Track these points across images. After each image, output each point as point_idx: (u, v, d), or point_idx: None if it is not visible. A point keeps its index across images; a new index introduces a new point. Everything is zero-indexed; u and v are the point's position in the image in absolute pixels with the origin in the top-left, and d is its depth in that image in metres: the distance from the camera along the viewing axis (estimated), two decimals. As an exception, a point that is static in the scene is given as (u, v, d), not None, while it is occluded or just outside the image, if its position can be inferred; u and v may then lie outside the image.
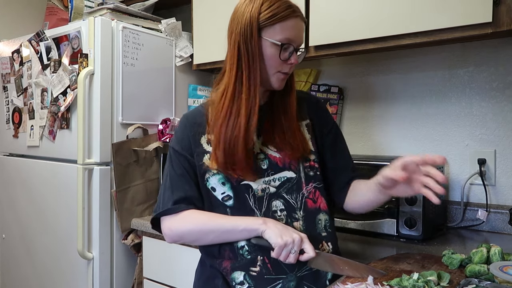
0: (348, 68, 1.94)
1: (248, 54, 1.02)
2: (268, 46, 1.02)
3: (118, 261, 1.87)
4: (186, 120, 1.13)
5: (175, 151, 1.10)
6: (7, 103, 2.28)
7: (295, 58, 1.05)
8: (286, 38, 1.02)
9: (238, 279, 1.04)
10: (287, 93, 1.11)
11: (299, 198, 1.09)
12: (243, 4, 1.05)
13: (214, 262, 1.08)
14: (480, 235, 1.53)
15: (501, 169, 1.59)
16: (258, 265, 1.03)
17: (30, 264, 2.13)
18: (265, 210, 1.05)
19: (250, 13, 1.01)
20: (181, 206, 1.05)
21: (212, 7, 1.99)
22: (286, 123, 1.09)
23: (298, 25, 1.04)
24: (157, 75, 2.00)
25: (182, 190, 1.07)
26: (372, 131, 1.89)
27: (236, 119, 1.02)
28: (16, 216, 2.20)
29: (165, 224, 1.08)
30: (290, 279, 1.02)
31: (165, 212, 1.06)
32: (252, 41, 1.01)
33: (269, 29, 1.02)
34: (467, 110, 1.65)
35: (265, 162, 1.08)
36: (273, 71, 1.05)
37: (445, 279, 0.95)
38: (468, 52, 1.65)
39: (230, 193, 1.06)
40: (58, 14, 2.32)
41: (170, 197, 1.06)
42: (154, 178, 1.95)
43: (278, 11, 1.01)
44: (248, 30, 1.01)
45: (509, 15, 1.24)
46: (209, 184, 1.07)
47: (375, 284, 0.93)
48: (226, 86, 1.05)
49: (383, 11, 1.47)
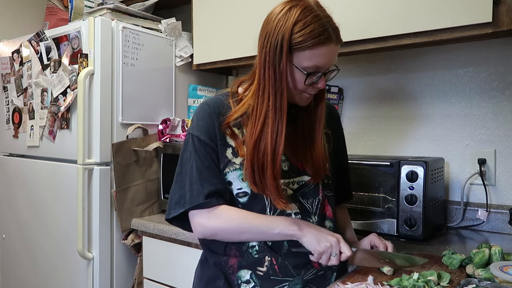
0: (348, 68, 1.94)
1: (275, 77, 0.97)
2: (295, 71, 0.98)
3: (118, 261, 1.87)
4: (210, 109, 1.06)
5: (201, 141, 1.03)
6: (7, 103, 2.28)
7: (323, 83, 1.01)
8: (314, 65, 0.97)
9: (244, 277, 1.03)
10: (311, 109, 1.08)
11: (315, 203, 1.09)
12: (277, 16, 0.98)
13: (219, 260, 1.06)
14: (480, 235, 1.53)
15: (501, 169, 1.59)
16: (265, 266, 1.02)
17: (30, 264, 2.13)
18: (279, 212, 1.04)
19: (282, 33, 0.95)
20: (212, 201, 1.01)
21: (212, 7, 1.99)
22: (309, 140, 1.07)
23: (332, 51, 0.98)
24: (157, 75, 2.00)
25: (211, 183, 1.02)
26: (372, 131, 1.89)
27: (263, 143, 0.99)
28: (16, 216, 2.20)
29: (197, 220, 1.03)
30: (296, 282, 1.02)
31: (197, 206, 1.02)
32: (281, 65, 0.96)
33: (298, 54, 0.96)
34: (467, 110, 1.66)
35: (285, 163, 1.06)
36: (298, 92, 1.02)
37: (445, 279, 0.95)
38: (468, 52, 1.65)
39: (248, 190, 1.03)
40: (58, 14, 2.31)
41: (200, 191, 1.01)
42: (154, 178, 1.95)
43: (310, 36, 0.94)
44: (278, 52, 0.96)
45: (509, 15, 1.24)
46: (227, 178, 1.04)
47: (375, 284, 0.93)
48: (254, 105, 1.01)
49: (383, 11, 1.47)
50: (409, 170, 1.42)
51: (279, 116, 0.98)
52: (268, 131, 0.98)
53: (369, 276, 0.97)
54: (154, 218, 1.84)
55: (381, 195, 1.52)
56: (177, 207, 1.04)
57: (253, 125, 1.00)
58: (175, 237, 1.66)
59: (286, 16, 0.96)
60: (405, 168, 1.43)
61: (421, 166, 1.40)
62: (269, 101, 0.98)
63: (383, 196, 1.52)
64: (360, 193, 1.57)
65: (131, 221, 1.84)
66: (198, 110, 1.08)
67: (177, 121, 1.99)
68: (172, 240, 1.70)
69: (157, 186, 1.95)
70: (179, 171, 1.06)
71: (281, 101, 0.98)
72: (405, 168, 1.43)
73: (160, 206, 1.96)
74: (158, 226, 1.72)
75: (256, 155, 0.99)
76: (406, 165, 1.43)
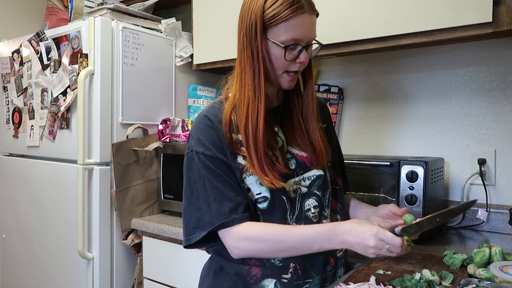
0: (348, 68, 1.94)
1: (253, 57, 0.97)
2: (273, 47, 0.97)
3: (118, 261, 1.86)
4: (210, 120, 1.02)
5: (207, 157, 0.98)
6: (7, 103, 2.27)
7: (305, 56, 0.98)
8: (291, 38, 0.95)
9: (268, 286, 1.01)
10: (302, 93, 1.07)
11: (326, 196, 1.08)
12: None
13: (240, 270, 1.02)
14: (480, 235, 1.53)
15: (501, 169, 1.59)
16: (290, 272, 1.00)
17: (30, 264, 2.13)
18: (298, 212, 1.03)
19: (254, 12, 0.95)
20: (235, 219, 0.96)
21: (212, 7, 1.99)
22: (306, 124, 1.06)
23: (306, 21, 0.96)
24: (157, 75, 2.00)
25: (229, 199, 0.97)
26: (372, 131, 1.89)
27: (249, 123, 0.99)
28: (16, 216, 2.20)
29: (229, 242, 0.98)
30: (316, 282, 1.02)
31: (219, 226, 0.96)
32: (257, 43, 0.96)
33: (273, 29, 0.96)
34: (467, 110, 1.66)
35: (292, 161, 1.05)
36: (280, 72, 1.00)
37: (448, 279, 0.95)
38: (468, 52, 1.65)
39: (267, 194, 1.00)
40: (58, 14, 2.31)
41: (219, 209, 0.96)
42: (154, 178, 1.95)
43: (281, 9, 0.93)
44: (252, 31, 0.96)
45: (509, 15, 1.24)
46: (246, 184, 1.00)
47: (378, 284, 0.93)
48: (238, 89, 1.01)
49: (383, 11, 1.47)
50: (409, 170, 1.42)
51: (258, 94, 0.98)
52: (249, 111, 0.98)
53: (371, 276, 0.98)
54: (154, 218, 1.84)
55: (381, 195, 1.52)
56: (197, 230, 0.98)
57: (241, 110, 1.00)
58: (175, 237, 1.66)
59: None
60: (405, 168, 1.43)
61: (421, 166, 1.40)
62: (249, 81, 0.98)
63: (383, 196, 1.52)
64: (360, 193, 1.57)
65: (131, 221, 1.84)
66: (197, 124, 1.04)
67: (177, 121, 1.99)
68: (172, 240, 1.70)
69: (157, 186, 1.95)
70: (190, 193, 1.01)
71: (259, 80, 0.98)
72: (405, 168, 1.43)
73: (160, 206, 1.96)
74: (158, 226, 1.72)
75: (247, 138, 0.98)
76: (406, 165, 1.43)
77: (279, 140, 1.06)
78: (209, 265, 1.12)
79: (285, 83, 1.03)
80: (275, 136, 1.05)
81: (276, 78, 1.02)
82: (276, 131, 1.06)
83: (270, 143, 1.01)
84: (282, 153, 1.04)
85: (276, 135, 1.06)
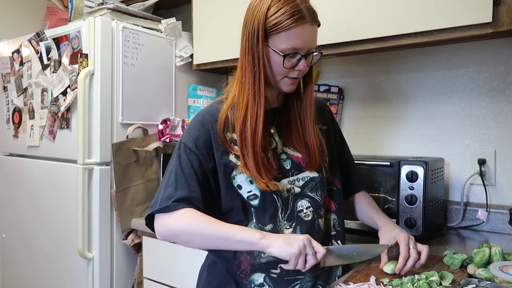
0: (348, 68, 1.94)
1: (253, 62, 1.00)
2: (273, 54, 1.00)
3: (118, 261, 1.86)
4: (204, 119, 1.06)
5: (187, 148, 1.03)
6: (7, 103, 2.27)
7: (304, 65, 1.01)
8: (291, 47, 0.98)
9: (257, 281, 1.02)
10: (302, 96, 1.10)
11: (323, 196, 1.10)
12: (253, 4, 1.02)
13: (231, 265, 1.05)
14: (480, 235, 1.53)
15: (501, 169, 1.59)
16: (279, 267, 1.01)
17: (30, 264, 2.13)
18: (290, 211, 1.05)
19: (257, 18, 0.99)
20: (179, 205, 0.99)
21: (212, 7, 1.99)
22: (302, 126, 1.08)
23: (307, 31, 0.99)
24: (157, 75, 2.00)
25: (185, 189, 1.00)
26: (372, 131, 1.89)
27: (248, 127, 1.01)
28: (16, 216, 2.20)
29: (158, 221, 1.01)
30: (307, 279, 1.03)
31: (162, 209, 1.00)
32: (258, 49, 0.99)
33: (274, 37, 0.99)
34: (467, 110, 1.66)
35: (287, 162, 1.08)
36: (280, 77, 1.03)
37: (448, 279, 0.95)
38: (468, 52, 1.65)
39: (257, 192, 1.03)
40: (58, 14, 2.31)
41: (171, 195, 1.00)
42: (154, 178, 1.95)
43: (283, 19, 0.96)
44: (255, 37, 0.99)
45: (509, 15, 1.24)
46: (235, 182, 1.04)
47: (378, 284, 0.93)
48: (238, 92, 1.04)
49: (383, 11, 1.47)
50: (409, 170, 1.42)
51: (257, 99, 1.01)
52: (248, 115, 1.01)
53: (371, 276, 0.98)
54: (154, 218, 1.84)
55: (381, 195, 1.52)
56: (149, 210, 1.03)
57: (239, 112, 1.02)
58: (175, 237, 1.66)
59: (261, 2, 1.00)
60: (405, 168, 1.43)
61: (421, 166, 1.40)
62: (249, 86, 1.01)
63: (383, 196, 1.52)
64: (360, 193, 1.57)
65: (131, 221, 1.84)
66: (193, 119, 1.09)
67: (177, 121, 1.99)
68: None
69: (157, 186, 1.95)
70: (163, 177, 1.06)
71: (259, 85, 1.00)
72: (405, 168, 1.43)
73: (160, 206, 1.95)
74: (158, 226, 1.72)
75: (243, 140, 1.01)
76: (406, 165, 1.43)
77: (273, 142, 1.08)
78: (205, 260, 1.17)
79: (286, 87, 1.05)
80: (270, 138, 1.07)
81: (276, 83, 1.05)
82: (272, 132, 1.08)
83: (263, 145, 1.03)
84: (274, 154, 1.07)
85: (271, 136, 1.08)
